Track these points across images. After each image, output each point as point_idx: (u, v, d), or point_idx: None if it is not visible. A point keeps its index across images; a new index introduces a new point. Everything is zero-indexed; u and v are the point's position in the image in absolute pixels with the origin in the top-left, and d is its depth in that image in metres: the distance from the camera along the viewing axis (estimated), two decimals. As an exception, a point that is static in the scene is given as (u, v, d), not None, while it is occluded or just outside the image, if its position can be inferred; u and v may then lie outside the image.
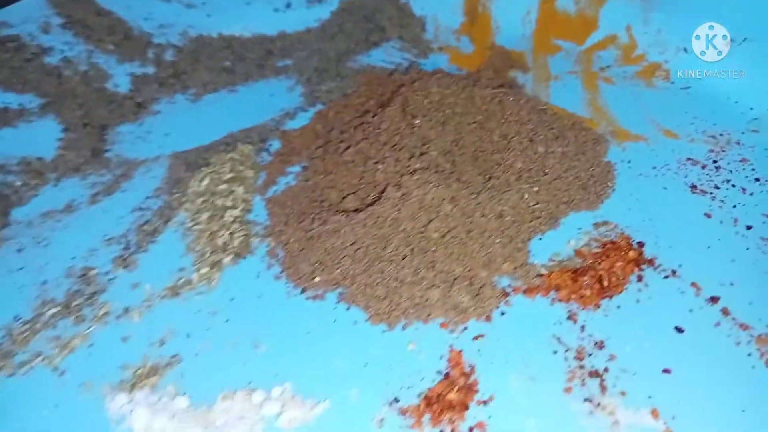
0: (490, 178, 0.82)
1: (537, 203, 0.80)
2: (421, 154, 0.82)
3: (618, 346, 0.68)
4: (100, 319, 0.73)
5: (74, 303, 0.74)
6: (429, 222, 0.75)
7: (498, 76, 1.03)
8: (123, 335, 0.71)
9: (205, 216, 0.82)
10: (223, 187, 0.86)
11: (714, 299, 0.72)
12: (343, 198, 0.82)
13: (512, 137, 0.85)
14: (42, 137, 0.95)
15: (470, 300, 0.71)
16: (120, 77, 1.06)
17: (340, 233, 0.76)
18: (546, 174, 0.83)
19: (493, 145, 0.86)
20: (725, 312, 0.70)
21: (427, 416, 0.62)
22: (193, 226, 0.82)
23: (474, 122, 0.88)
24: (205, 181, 0.87)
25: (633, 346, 0.68)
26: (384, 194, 0.77)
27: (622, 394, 0.64)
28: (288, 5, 1.21)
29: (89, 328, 0.72)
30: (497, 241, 0.76)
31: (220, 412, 0.63)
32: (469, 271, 0.73)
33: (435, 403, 0.63)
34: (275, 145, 0.94)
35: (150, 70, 1.08)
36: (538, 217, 0.80)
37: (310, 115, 1.00)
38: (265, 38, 1.17)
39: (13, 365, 0.69)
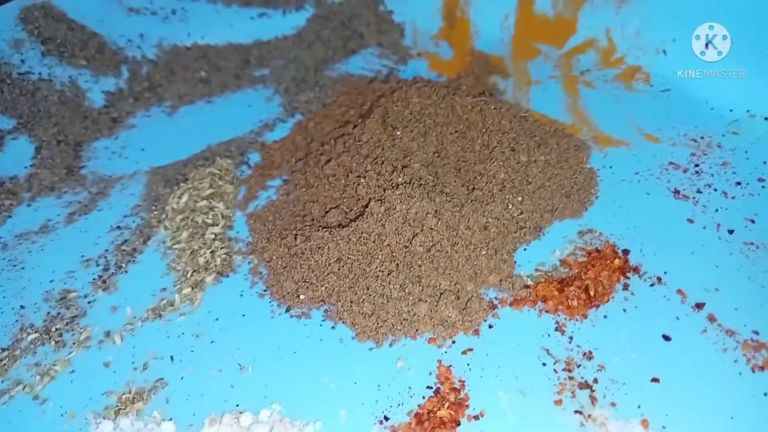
0: (473, 190, 0.81)
1: (521, 213, 0.80)
2: (403, 167, 0.81)
3: (606, 356, 0.68)
4: (81, 344, 0.71)
5: (54, 328, 0.73)
6: (413, 236, 0.74)
7: (478, 82, 1.03)
8: (105, 360, 0.70)
9: (185, 234, 0.81)
10: (202, 203, 0.84)
11: (700, 305, 0.72)
12: (326, 212, 0.81)
13: (494, 147, 0.85)
14: (15, 157, 0.93)
15: (458, 314, 0.70)
16: (94, 92, 1.04)
17: (324, 249, 0.75)
18: (529, 183, 0.83)
19: (475, 156, 0.85)
20: (711, 318, 0.70)
21: (418, 435, 0.62)
22: (173, 244, 0.81)
23: (455, 132, 0.87)
24: (184, 198, 0.85)
25: (621, 356, 0.68)
26: (367, 209, 0.76)
27: (612, 405, 0.64)
28: (262, 13, 1.19)
29: (70, 353, 0.70)
30: (482, 253, 0.75)
31: (207, 437, 0.62)
32: (456, 284, 0.73)
33: (426, 421, 0.62)
34: (254, 158, 0.93)
35: (124, 84, 1.06)
36: (523, 228, 0.80)
37: (289, 126, 0.99)
38: (241, 47, 1.16)
39: (-8, 393, 0.67)
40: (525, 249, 0.79)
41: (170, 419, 0.64)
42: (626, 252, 0.77)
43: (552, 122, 0.95)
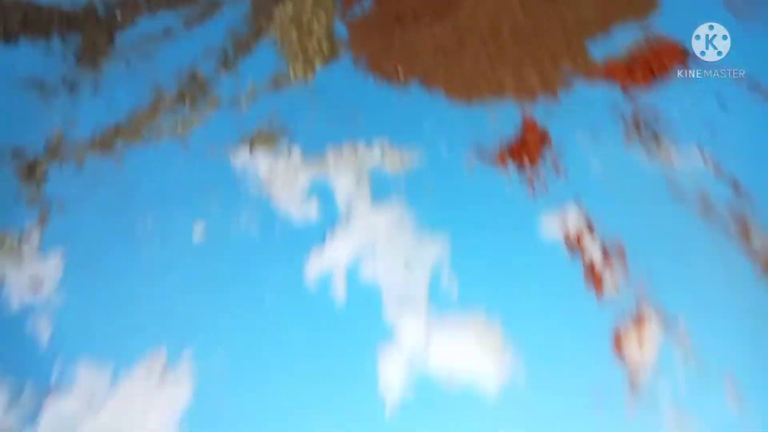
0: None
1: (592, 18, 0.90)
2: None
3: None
4: (212, 106, 0.83)
5: (187, 95, 0.84)
6: (500, 25, 0.84)
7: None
8: (235, 116, 0.81)
9: (293, 32, 0.92)
10: (306, 9, 0.95)
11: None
12: (419, 16, 0.92)
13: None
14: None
15: (538, 80, 0.81)
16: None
17: (419, 37, 0.85)
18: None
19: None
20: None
21: (509, 160, 0.73)
22: (283, 40, 0.92)
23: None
24: (289, 8, 0.96)
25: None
26: (459, 3, 0.87)
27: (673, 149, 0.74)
28: None
29: (204, 111, 0.82)
30: (560, 42, 0.85)
31: (330, 160, 0.74)
32: (537, 61, 0.83)
33: (514, 151, 0.74)
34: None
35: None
36: (593, 30, 0.90)
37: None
38: None
39: (141, 136, 0.79)
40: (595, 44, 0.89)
41: (298, 149, 0.76)
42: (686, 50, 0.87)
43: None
